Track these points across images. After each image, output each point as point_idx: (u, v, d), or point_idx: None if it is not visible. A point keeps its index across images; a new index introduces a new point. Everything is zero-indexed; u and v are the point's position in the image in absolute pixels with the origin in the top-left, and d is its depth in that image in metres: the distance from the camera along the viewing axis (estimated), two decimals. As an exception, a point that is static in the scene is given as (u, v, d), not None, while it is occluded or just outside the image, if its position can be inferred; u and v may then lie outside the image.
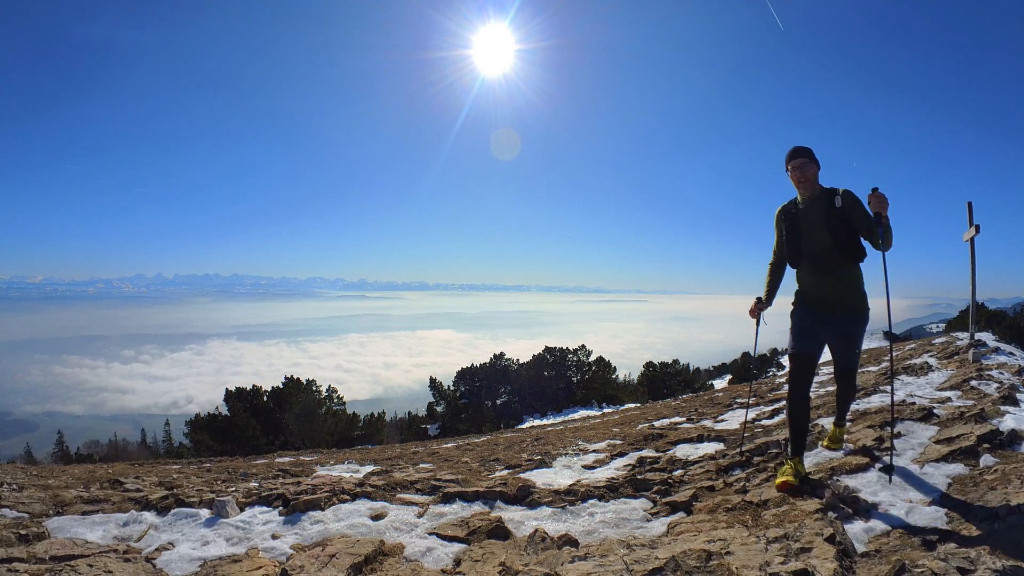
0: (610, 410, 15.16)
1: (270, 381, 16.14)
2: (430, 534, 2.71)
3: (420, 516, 2.96)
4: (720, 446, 4.30)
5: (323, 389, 15.88)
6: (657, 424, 6.43)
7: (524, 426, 15.00)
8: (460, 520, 2.85)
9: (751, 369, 19.39)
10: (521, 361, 20.74)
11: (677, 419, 6.56)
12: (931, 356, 8.20)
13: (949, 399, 4.73)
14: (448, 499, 3.20)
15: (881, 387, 5.74)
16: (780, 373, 18.17)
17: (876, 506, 2.53)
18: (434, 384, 19.66)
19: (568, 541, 2.56)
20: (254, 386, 15.34)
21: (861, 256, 3.18)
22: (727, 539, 2.24)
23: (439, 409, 19.20)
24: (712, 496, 3.02)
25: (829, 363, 3.44)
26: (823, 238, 3.17)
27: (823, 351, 3.27)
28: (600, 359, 20.73)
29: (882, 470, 2.95)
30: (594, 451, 4.98)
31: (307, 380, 15.74)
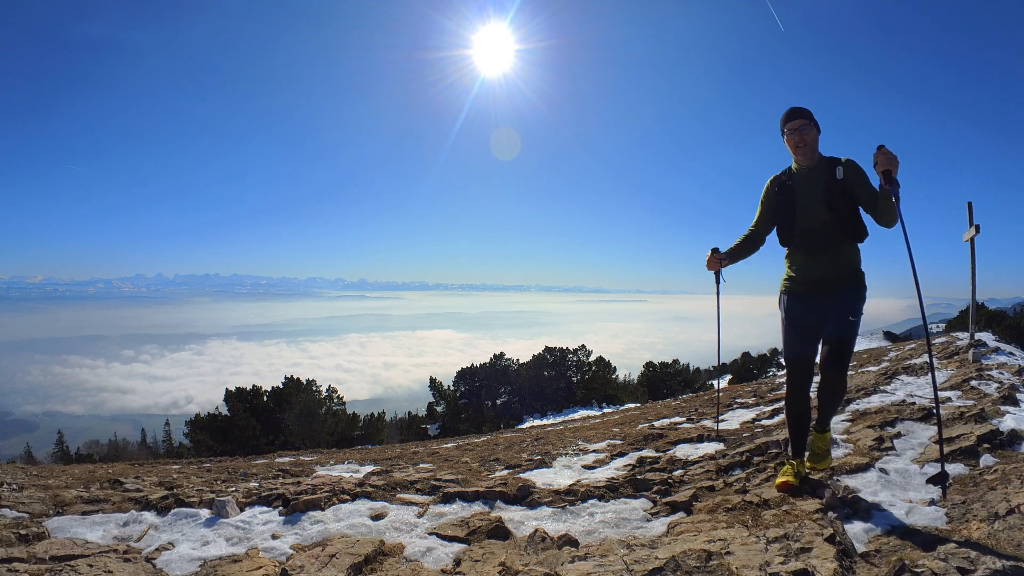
0: (610, 410, 15.16)
1: (270, 381, 16.15)
2: (430, 534, 2.71)
3: (420, 516, 2.96)
4: (720, 446, 4.30)
5: (323, 389, 15.88)
6: (657, 424, 6.43)
7: (524, 426, 15.00)
8: (460, 520, 2.85)
9: (751, 369, 19.40)
10: (521, 361, 20.74)
11: (677, 419, 6.56)
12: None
13: (949, 399, 4.73)
14: (448, 499, 3.20)
15: (881, 387, 5.74)
16: (780, 373, 18.16)
17: (876, 506, 2.53)
18: (434, 384, 19.65)
19: (568, 541, 2.55)
20: (254, 386, 15.33)
21: (863, 236, 2.86)
22: (727, 539, 2.24)
23: (439, 409, 19.19)
24: (712, 496, 3.02)
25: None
26: (821, 214, 2.84)
27: (817, 345, 2.95)
28: (600, 359, 20.72)
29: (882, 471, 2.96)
30: (594, 451, 4.98)
31: (307, 380, 15.74)
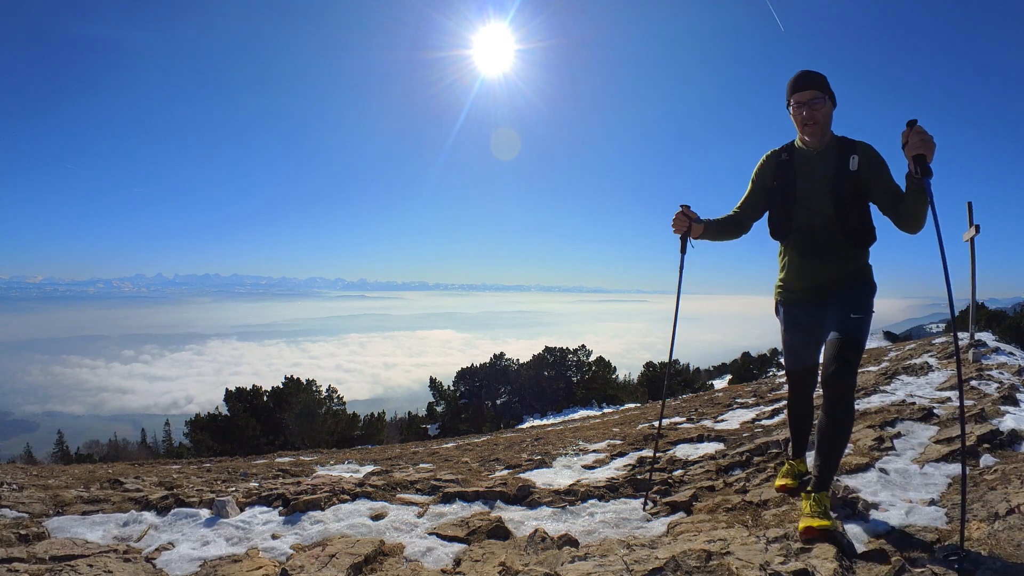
0: (610, 410, 15.16)
1: (270, 381, 16.16)
2: (430, 534, 2.70)
3: (420, 516, 2.96)
4: (720, 446, 4.30)
5: (323, 389, 15.88)
6: (657, 424, 6.42)
7: (524, 426, 15.00)
8: (460, 520, 2.85)
9: (751, 369, 19.40)
10: (521, 361, 20.75)
11: (677, 419, 6.56)
12: (931, 356, 8.20)
13: (949, 399, 4.73)
14: (448, 499, 3.20)
15: (881, 387, 5.74)
16: (780, 373, 18.16)
17: (876, 506, 2.53)
18: (434, 384, 19.66)
19: (568, 541, 2.55)
20: (254, 386, 15.34)
21: (871, 241, 2.39)
22: (727, 539, 2.24)
23: (439, 409, 19.20)
24: (712, 496, 3.02)
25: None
26: (825, 209, 2.37)
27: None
28: (600, 359, 20.72)
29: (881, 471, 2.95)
30: (594, 451, 4.98)
31: (307, 380, 15.74)
